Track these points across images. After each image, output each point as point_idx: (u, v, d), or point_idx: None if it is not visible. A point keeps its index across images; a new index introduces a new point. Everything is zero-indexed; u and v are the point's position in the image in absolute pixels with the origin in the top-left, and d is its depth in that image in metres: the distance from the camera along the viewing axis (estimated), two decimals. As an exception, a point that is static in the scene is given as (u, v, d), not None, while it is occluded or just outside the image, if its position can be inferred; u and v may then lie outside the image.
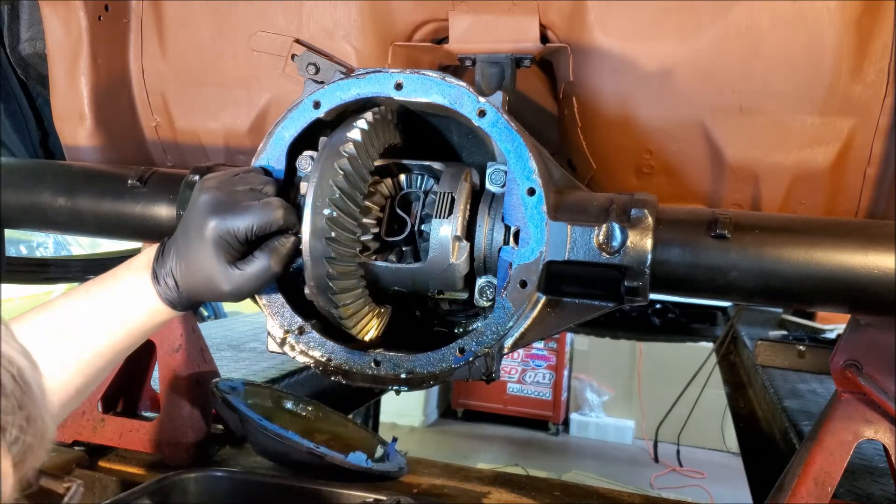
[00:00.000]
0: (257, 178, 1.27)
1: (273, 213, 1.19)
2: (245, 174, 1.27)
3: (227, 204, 1.18)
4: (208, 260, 1.17)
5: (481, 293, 1.30)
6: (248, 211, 1.17)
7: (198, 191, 1.22)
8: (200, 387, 1.98)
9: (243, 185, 1.23)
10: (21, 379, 0.73)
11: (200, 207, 1.18)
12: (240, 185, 1.23)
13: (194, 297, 1.22)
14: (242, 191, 1.22)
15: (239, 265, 1.18)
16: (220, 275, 1.17)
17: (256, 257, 1.18)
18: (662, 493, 3.87)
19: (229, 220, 1.16)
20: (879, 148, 1.52)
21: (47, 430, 0.76)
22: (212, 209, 1.17)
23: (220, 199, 1.19)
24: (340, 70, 1.34)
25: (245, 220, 1.17)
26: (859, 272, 1.22)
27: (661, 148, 1.65)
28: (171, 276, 1.20)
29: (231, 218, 1.17)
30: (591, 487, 1.96)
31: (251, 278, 1.18)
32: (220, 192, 1.20)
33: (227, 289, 1.18)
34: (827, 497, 1.42)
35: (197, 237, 1.17)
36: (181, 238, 1.21)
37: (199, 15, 1.84)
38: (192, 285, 1.20)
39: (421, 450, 6.65)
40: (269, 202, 1.20)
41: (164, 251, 1.23)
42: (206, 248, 1.17)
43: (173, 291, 1.21)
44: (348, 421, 2.17)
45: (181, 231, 1.21)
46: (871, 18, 1.45)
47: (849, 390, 1.45)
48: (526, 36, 1.61)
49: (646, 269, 1.24)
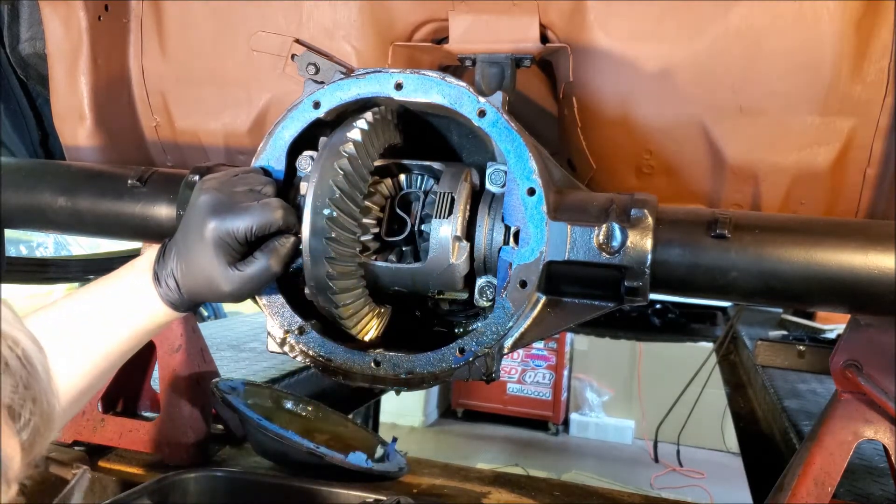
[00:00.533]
0: (257, 179, 1.27)
1: (272, 213, 1.19)
2: (245, 174, 1.27)
3: (227, 205, 1.18)
4: (208, 261, 1.17)
5: (481, 293, 1.30)
6: (247, 212, 1.18)
7: (197, 191, 1.22)
8: (200, 387, 1.98)
9: (243, 185, 1.23)
10: (26, 360, 0.73)
11: (200, 208, 1.19)
12: (239, 186, 1.23)
13: (195, 298, 1.22)
14: (242, 191, 1.22)
15: (239, 266, 1.18)
16: (220, 276, 1.17)
17: (256, 258, 1.19)
18: (662, 493, 3.86)
19: (229, 221, 1.16)
20: (879, 148, 1.52)
21: (53, 413, 0.76)
22: (211, 210, 1.17)
23: (220, 199, 1.19)
24: (340, 70, 1.34)
25: (245, 220, 1.17)
26: (859, 272, 1.22)
27: (661, 148, 1.65)
28: (171, 277, 1.21)
29: (231, 219, 1.17)
30: (591, 487, 1.96)
31: (251, 279, 1.18)
32: (219, 193, 1.20)
33: (228, 290, 1.18)
34: (827, 497, 1.42)
35: (197, 238, 1.17)
36: (181, 239, 1.21)
37: (199, 15, 1.84)
38: (193, 286, 1.20)
39: (421, 450, 6.64)
40: (269, 203, 1.20)
41: (165, 252, 1.23)
42: (206, 249, 1.17)
43: (174, 293, 1.21)
44: (348, 421, 2.17)
45: (181, 232, 1.21)
46: (871, 18, 1.45)
47: (849, 390, 1.45)
48: (526, 36, 1.61)
49: (646, 269, 1.24)
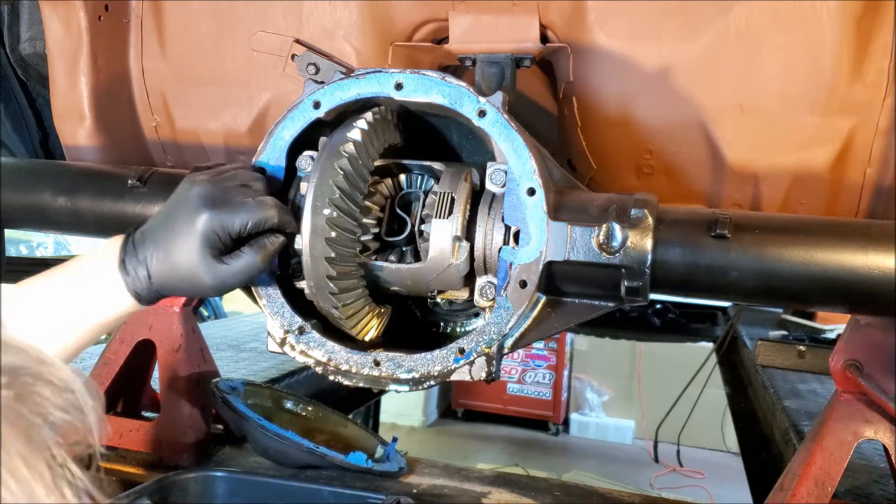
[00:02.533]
0: (248, 176, 1.27)
1: (268, 211, 1.20)
2: (235, 171, 1.27)
3: (221, 199, 1.18)
4: (193, 253, 1.16)
5: (481, 293, 1.30)
6: (243, 208, 1.18)
7: (189, 184, 1.21)
8: (200, 387, 1.98)
9: (234, 181, 1.23)
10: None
11: (192, 200, 1.18)
12: (231, 182, 1.23)
13: (166, 290, 1.20)
14: (235, 187, 1.22)
15: (225, 259, 1.18)
16: (204, 268, 1.17)
17: (244, 253, 1.19)
18: (662, 493, 3.86)
19: (224, 215, 1.17)
20: (879, 148, 1.52)
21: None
22: (205, 203, 1.17)
23: (214, 193, 1.19)
24: (340, 70, 1.34)
25: (241, 216, 1.17)
26: (859, 272, 1.22)
27: (661, 148, 1.65)
28: (143, 266, 1.18)
29: (226, 213, 1.17)
30: (591, 487, 1.96)
31: (237, 273, 1.19)
32: (213, 187, 1.20)
33: (210, 283, 1.18)
34: (827, 497, 1.42)
35: (185, 229, 1.17)
36: (161, 228, 1.19)
37: (199, 15, 1.84)
38: (169, 277, 1.18)
39: (421, 450, 6.64)
40: (264, 201, 1.21)
41: (135, 241, 1.20)
42: (192, 241, 1.16)
43: (143, 282, 1.18)
44: (348, 421, 2.17)
45: (162, 222, 1.20)
46: (871, 18, 1.45)
47: (849, 390, 1.45)
48: (526, 36, 1.61)
49: (646, 269, 1.24)
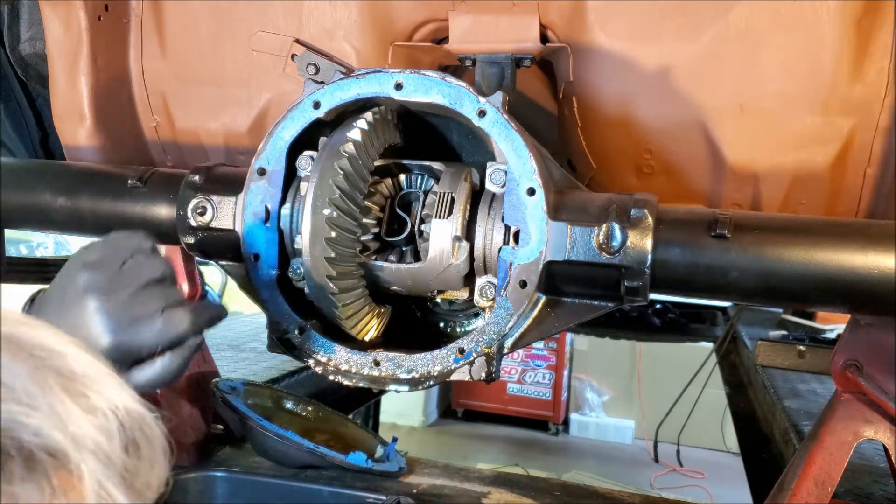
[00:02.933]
0: (151, 267, 1.05)
1: (179, 326, 1.02)
2: (135, 258, 1.04)
3: (122, 317, 0.98)
4: None
5: (481, 293, 1.30)
6: (150, 328, 1.00)
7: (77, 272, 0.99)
8: (200, 387, 1.97)
9: (137, 281, 1.02)
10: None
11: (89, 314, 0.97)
12: (133, 283, 1.01)
13: None
14: (137, 293, 1.01)
15: (133, 371, 1.01)
16: None
17: (158, 361, 1.02)
18: (662, 493, 3.86)
19: (126, 337, 0.98)
20: (879, 148, 1.52)
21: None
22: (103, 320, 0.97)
23: (113, 305, 0.98)
24: (340, 70, 1.34)
25: (148, 339, 1.00)
26: (859, 272, 1.22)
27: (661, 148, 1.65)
28: None
29: (129, 336, 0.98)
30: (591, 487, 1.96)
31: (153, 382, 1.02)
32: (110, 302, 0.98)
33: None
34: (827, 497, 1.42)
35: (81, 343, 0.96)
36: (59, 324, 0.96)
37: (199, 15, 1.83)
38: None
39: (421, 450, 6.64)
40: (174, 314, 1.02)
41: None
42: None
43: None
44: (348, 421, 2.17)
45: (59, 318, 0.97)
46: (871, 18, 1.45)
47: (849, 390, 1.45)
48: (526, 36, 1.61)
49: (646, 269, 1.24)
